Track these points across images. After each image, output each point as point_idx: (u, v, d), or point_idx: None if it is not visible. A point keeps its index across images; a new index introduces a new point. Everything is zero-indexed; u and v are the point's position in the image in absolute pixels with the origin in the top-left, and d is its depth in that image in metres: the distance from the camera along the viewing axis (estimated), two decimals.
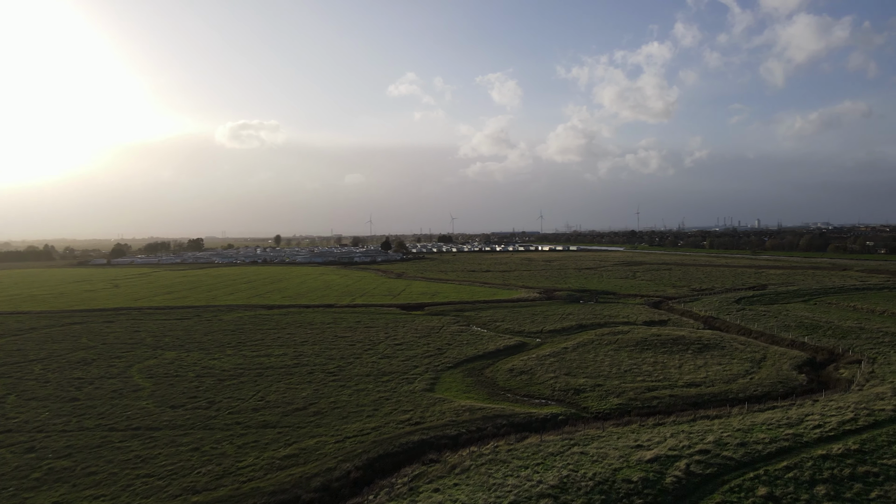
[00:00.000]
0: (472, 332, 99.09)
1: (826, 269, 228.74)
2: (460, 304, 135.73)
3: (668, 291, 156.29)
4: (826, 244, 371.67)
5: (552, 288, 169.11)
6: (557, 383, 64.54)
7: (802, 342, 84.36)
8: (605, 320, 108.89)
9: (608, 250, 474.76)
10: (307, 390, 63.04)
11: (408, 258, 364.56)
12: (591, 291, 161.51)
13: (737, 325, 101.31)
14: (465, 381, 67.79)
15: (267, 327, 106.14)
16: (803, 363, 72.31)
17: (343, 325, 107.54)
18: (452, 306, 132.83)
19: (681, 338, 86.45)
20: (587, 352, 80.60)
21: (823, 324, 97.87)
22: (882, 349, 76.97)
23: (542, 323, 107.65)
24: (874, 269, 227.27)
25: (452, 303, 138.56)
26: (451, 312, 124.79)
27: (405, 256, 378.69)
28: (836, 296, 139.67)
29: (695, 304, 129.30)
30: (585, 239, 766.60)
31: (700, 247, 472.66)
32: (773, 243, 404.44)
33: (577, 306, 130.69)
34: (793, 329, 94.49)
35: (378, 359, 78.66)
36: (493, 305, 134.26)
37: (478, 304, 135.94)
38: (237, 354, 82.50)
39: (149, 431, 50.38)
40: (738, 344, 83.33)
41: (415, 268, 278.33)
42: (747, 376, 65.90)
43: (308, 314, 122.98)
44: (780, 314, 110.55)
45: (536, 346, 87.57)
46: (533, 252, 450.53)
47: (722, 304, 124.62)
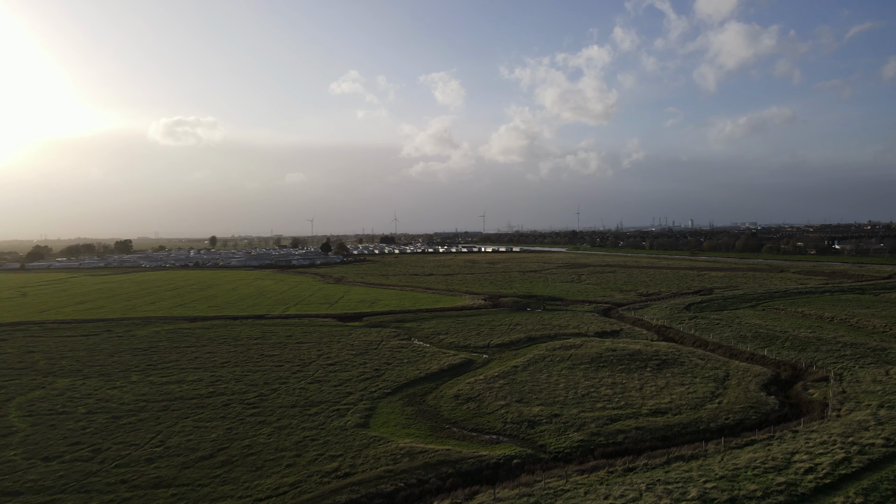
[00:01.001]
0: (413, 348, 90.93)
1: (764, 271, 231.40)
2: (401, 314, 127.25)
3: (616, 297, 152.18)
4: (760, 245, 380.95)
5: (497, 294, 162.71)
6: (509, 413, 57.13)
7: (762, 356, 79.93)
8: (555, 331, 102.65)
9: (551, 251, 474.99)
10: (219, 429, 53.45)
11: (348, 261, 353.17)
12: (537, 297, 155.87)
13: (691, 335, 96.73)
14: (405, 412, 59.57)
15: (185, 344, 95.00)
16: (769, 381, 67.39)
17: (272, 341, 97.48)
18: (393, 316, 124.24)
19: (637, 352, 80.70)
20: (539, 371, 73.69)
21: (779, 334, 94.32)
22: (846, 363, 73.05)
23: (488, 335, 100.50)
24: (809, 270, 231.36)
25: (393, 312, 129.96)
26: (391, 324, 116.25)
27: (346, 259, 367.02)
28: (782, 300, 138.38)
29: (645, 311, 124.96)
30: (528, 239, 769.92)
31: (640, 247, 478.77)
32: (710, 244, 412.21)
33: (524, 315, 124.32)
34: (749, 340, 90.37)
35: (307, 384, 69.49)
36: (437, 315, 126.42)
37: (420, 314, 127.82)
38: (143, 381, 71.67)
39: (2, 500, 40.04)
40: (698, 359, 78.16)
41: (355, 271, 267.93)
42: (714, 400, 60.20)
43: (235, 327, 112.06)
44: (733, 323, 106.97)
45: (484, 365, 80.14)
46: (476, 253, 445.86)
47: (673, 312, 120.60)
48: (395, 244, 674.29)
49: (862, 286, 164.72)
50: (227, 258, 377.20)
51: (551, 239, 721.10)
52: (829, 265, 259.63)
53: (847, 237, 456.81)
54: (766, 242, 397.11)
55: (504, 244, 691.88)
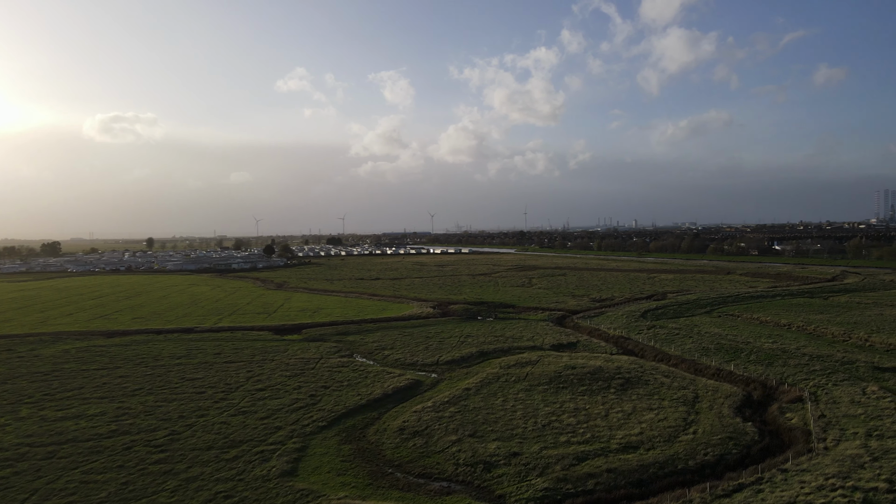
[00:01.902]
0: (355, 367, 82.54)
1: (711, 273, 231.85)
2: (344, 325, 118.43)
3: (570, 303, 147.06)
4: (704, 246, 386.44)
5: (447, 300, 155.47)
6: (462, 452, 49.67)
7: (729, 371, 75.04)
8: (508, 344, 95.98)
9: (500, 252, 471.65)
10: (111, 486, 44.07)
11: (292, 264, 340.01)
12: (488, 304, 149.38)
13: (652, 347, 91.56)
14: (342, 452, 51.34)
15: (95, 366, 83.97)
16: (741, 403, 62.17)
17: (196, 361, 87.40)
18: (335, 328, 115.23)
19: (598, 370, 74.61)
20: (494, 395, 66.58)
21: (742, 345, 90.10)
22: (818, 380, 68.61)
23: (437, 350, 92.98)
24: (755, 272, 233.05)
25: (335, 323, 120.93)
26: (332, 336, 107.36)
27: (289, 262, 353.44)
28: (736, 305, 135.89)
29: (601, 319, 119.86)
30: (476, 240, 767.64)
31: (588, 248, 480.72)
32: (656, 245, 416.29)
33: (475, 325, 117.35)
34: (713, 353, 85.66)
35: (230, 416, 60.41)
36: (382, 325, 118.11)
37: (364, 325, 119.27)
38: (34, 416, 61.09)
39: None
40: (663, 376, 72.60)
41: (298, 275, 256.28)
42: (689, 428, 54.24)
43: (157, 344, 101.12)
44: (693, 332, 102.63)
45: (433, 387, 72.52)
46: (425, 255, 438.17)
47: (630, 321, 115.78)
48: (342, 245, 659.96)
49: (810, 289, 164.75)
50: (164, 261, 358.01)
51: (500, 240, 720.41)
52: (773, 266, 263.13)
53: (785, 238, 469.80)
54: (709, 243, 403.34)
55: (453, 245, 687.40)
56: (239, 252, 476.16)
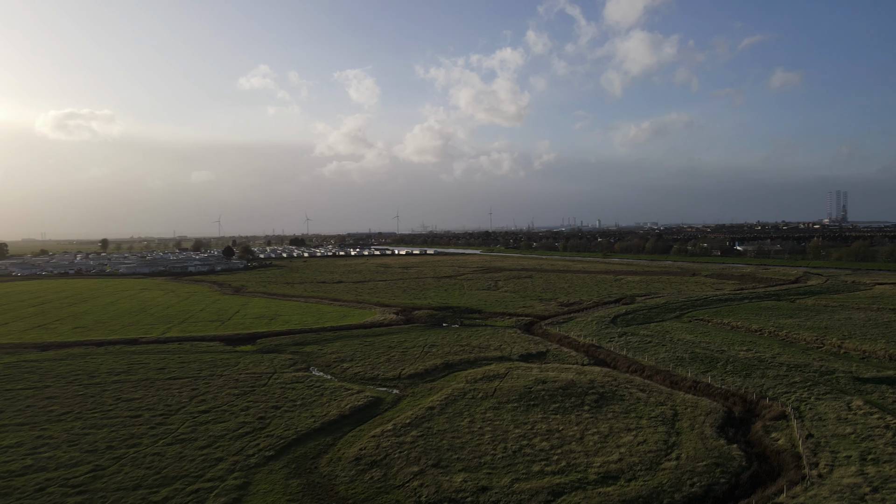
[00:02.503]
0: (311, 383, 76.52)
1: (677, 275, 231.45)
2: (302, 334, 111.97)
3: (537, 307, 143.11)
4: (668, 247, 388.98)
5: (411, 305, 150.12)
6: (424, 487, 44.44)
7: (706, 384, 71.41)
8: (475, 355, 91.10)
9: (465, 253, 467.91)
10: None
11: (252, 266, 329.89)
12: (453, 309, 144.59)
13: (624, 357, 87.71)
14: (289, 489, 45.58)
15: (21, 386, 76.20)
16: (723, 421, 58.37)
17: (137, 377, 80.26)
18: (292, 337, 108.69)
19: (570, 384, 70.18)
20: (460, 414, 61.52)
21: (717, 354, 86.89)
22: (799, 393, 65.37)
23: (400, 362, 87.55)
24: (719, 273, 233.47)
25: (292, 332, 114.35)
26: (289, 347, 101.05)
27: (249, 264, 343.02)
28: (705, 310, 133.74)
29: (570, 325, 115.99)
30: (441, 241, 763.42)
31: (554, 249, 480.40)
32: (621, 246, 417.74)
33: (440, 333, 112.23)
34: (688, 363, 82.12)
35: (166, 445, 54.01)
36: (342, 334, 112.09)
37: (324, 333, 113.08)
38: None
39: None
40: (638, 391, 68.57)
41: (258, 279, 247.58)
42: (671, 453, 50.00)
43: (96, 358, 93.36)
44: (665, 339, 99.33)
45: (394, 406, 67.09)
46: (389, 256, 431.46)
47: (600, 327, 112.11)
48: (305, 246, 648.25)
49: (776, 292, 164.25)
50: (117, 264, 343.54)
51: (465, 240, 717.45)
52: (736, 268, 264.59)
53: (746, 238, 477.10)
54: (673, 244, 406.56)
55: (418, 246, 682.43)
56: (198, 254, 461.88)
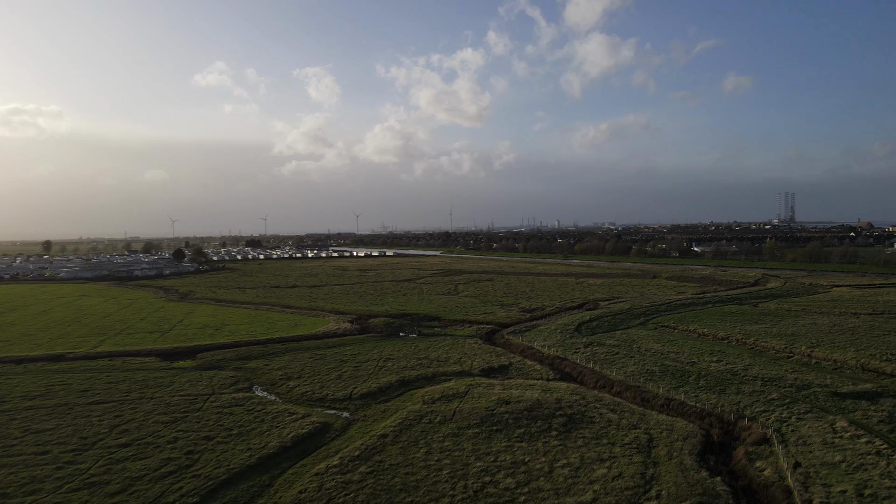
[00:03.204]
0: (252, 405, 69.24)
1: (638, 277, 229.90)
2: (248, 347, 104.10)
3: (499, 314, 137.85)
4: (628, 248, 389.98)
5: (367, 312, 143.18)
6: None
7: (680, 402, 66.79)
8: (433, 369, 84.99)
9: (425, 255, 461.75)
10: None
11: (203, 270, 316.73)
12: (411, 316, 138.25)
13: (591, 370, 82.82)
14: None
15: None
16: (702, 447, 53.56)
17: (55, 402, 71.58)
18: (236, 351, 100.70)
19: (536, 405, 64.68)
20: (415, 443, 55.29)
21: (687, 366, 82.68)
22: (779, 413, 61.20)
23: (352, 379, 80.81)
24: (679, 275, 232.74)
25: (238, 345, 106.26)
26: (232, 362, 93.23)
27: (200, 267, 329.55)
28: (670, 315, 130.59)
29: (533, 334, 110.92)
30: (401, 241, 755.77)
31: (514, 250, 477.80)
32: (581, 247, 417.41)
33: (397, 344, 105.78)
34: (658, 377, 77.58)
35: (70, 492, 46.29)
36: (292, 347, 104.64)
37: (272, 345, 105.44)
38: None
39: None
40: (609, 411, 63.49)
41: (208, 283, 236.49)
42: (650, 489, 44.77)
43: (12, 378, 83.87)
44: (633, 349, 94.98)
45: (342, 433, 60.41)
46: (347, 259, 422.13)
47: (564, 336, 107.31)
48: (261, 248, 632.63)
49: (738, 295, 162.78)
50: (58, 268, 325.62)
51: (425, 241, 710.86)
52: (695, 269, 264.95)
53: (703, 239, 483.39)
54: (632, 245, 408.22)
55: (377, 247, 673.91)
56: (147, 256, 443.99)
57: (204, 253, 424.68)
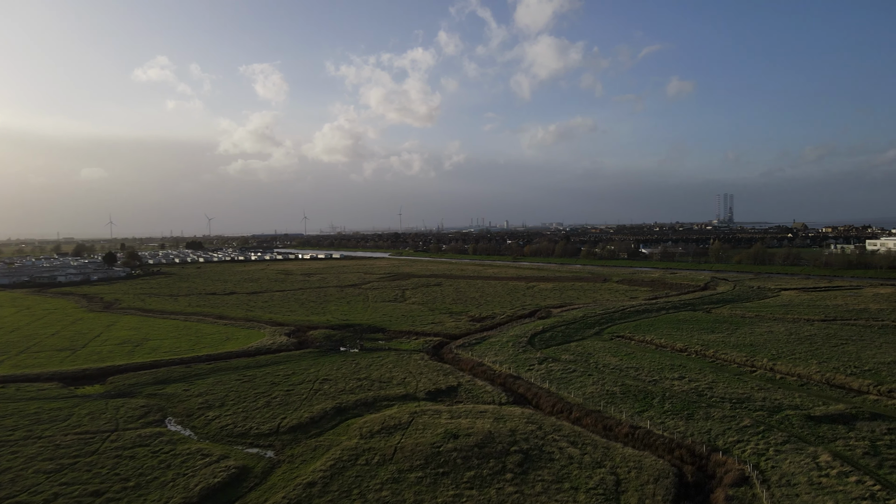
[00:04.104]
0: (159, 444, 59.43)
1: (589, 281, 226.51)
2: (168, 367, 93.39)
3: (447, 324, 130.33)
4: (577, 250, 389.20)
5: (307, 323, 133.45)
6: None
7: (646, 430, 60.40)
8: (374, 393, 76.69)
9: (373, 257, 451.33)
10: None
11: (136, 275, 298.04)
12: (354, 327, 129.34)
13: (547, 391, 75.99)
14: None
15: None
16: (676, 491, 47.08)
17: None
18: (154, 373, 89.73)
19: (488, 438, 57.24)
20: (348, 496, 46.91)
21: (649, 385, 76.70)
22: (754, 443, 55.38)
23: (282, 407, 71.66)
24: (630, 279, 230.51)
25: (157, 364, 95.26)
26: (147, 387, 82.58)
27: (133, 272, 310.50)
28: (625, 324, 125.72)
29: (484, 348, 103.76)
30: (350, 243, 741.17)
31: (463, 252, 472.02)
32: (530, 249, 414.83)
33: (336, 361, 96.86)
34: (619, 399, 71.26)
35: None
36: (220, 366, 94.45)
37: (196, 365, 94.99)
38: None
39: None
40: (569, 444, 56.53)
41: (138, 290, 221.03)
42: None
43: None
44: (590, 366, 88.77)
45: (262, 481, 51.42)
46: (292, 262, 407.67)
47: (516, 350, 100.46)
48: (202, 250, 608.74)
49: (690, 301, 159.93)
50: None
51: (373, 242, 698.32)
52: (644, 272, 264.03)
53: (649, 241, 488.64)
54: (581, 246, 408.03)
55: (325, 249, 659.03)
56: (77, 259, 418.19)
57: (138, 256, 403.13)
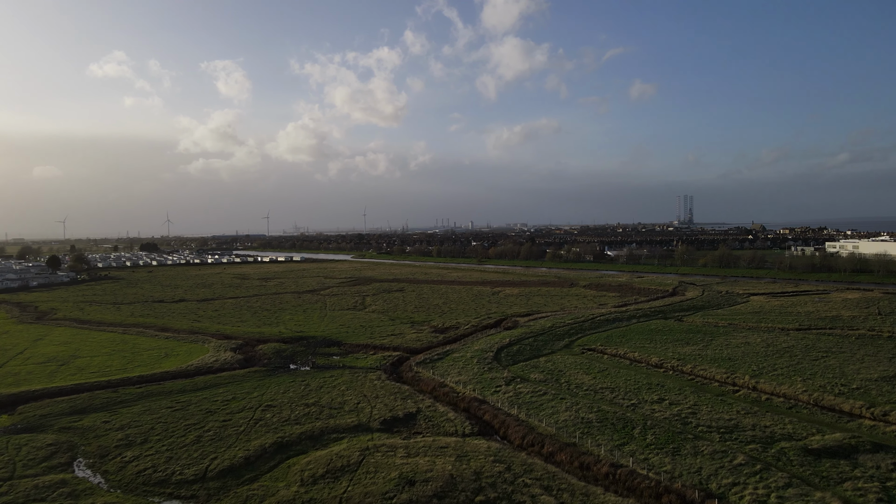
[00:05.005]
0: (56, 498, 49.80)
1: (556, 286, 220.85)
2: (92, 392, 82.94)
3: (408, 336, 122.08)
4: (543, 252, 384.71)
5: (257, 336, 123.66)
6: None
7: (629, 470, 52.93)
8: (322, 423, 67.99)
9: (335, 260, 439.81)
10: None
11: (81, 280, 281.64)
12: (308, 340, 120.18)
13: (516, 419, 68.30)
14: None
15: None
16: None
17: None
18: (72, 401, 78.88)
19: (449, 484, 49.25)
20: None
21: (627, 411, 69.59)
22: (753, 486, 48.36)
23: (214, 443, 62.41)
24: (597, 283, 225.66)
25: (80, 389, 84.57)
26: (61, 418, 72.21)
27: (78, 276, 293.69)
28: (595, 334, 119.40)
29: (447, 365, 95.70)
30: (312, 244, 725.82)
31: (427, 254, 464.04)
32: (495, 251, 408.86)
33: (283, 382, 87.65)
34: (596, 430, 63.86)
35: None
36: (151, 390, 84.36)
37: (124, 389, 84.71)
38: None
39: None
40: (543, 491, 48.79)
41: (80, 297, 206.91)
42: None
43: None
44: (562, 387, 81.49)
45: None
46: (250, 265, 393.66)
47: (482, 367, 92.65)
48: (157, 252, 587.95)
49: (660, 308, 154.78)
50: None
51: (336, 244, 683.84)
52: (611, 276, 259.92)
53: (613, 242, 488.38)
54: (546, 248, 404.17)
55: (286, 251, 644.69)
56: (20, 263, 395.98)
57: (86, 259, 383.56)
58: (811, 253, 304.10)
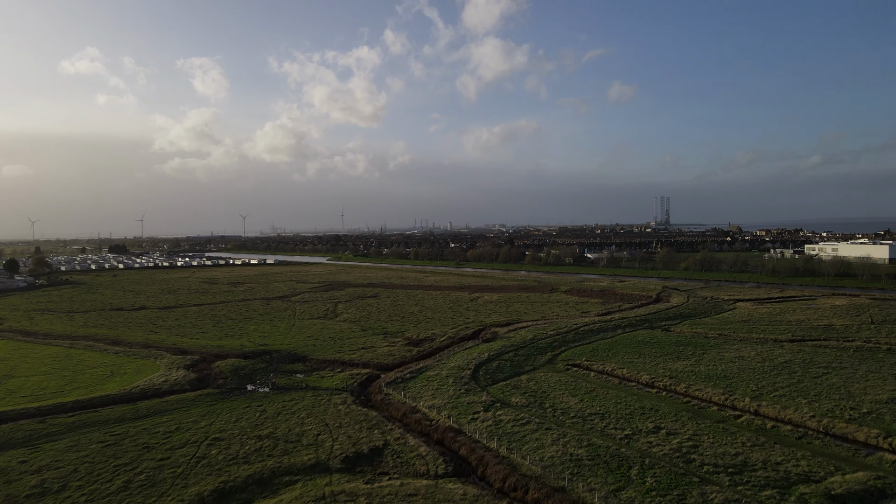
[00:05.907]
0: None
1: (536, 291, 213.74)
2: (16, 421, 73.00)
3: (380, 349, 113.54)
4: (522, 255, 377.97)
5: (216, 350, 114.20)
6: None
7: None
8: (274, 462, 59.15)
9: (310, 263, 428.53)
10: None
11: (39, 285, 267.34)
12: (271, 354, 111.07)
13: (495, 454, 60.12)
14: None
15: None
16: None
17: None
18: None
19: None
20: None
21: (623, 446, 61.70)
22: None
23: (142, 490, 53.08)
24: (577, 287, 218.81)
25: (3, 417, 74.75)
26: None
27: (36, 281, 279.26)
28: (580, 347, 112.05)
29: (420, 385, 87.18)
30: (288, 245, 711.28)
31: (405, 256, 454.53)
32: (474, 254, 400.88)
33: (237, 408, 78.42)
34: (587, 469, 55.79)
35: None
36: (85, 419, 74.59)
37: (54, 418, 74.86)
38: None
39: None
40: None
41: (32, 304, 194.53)
42: None
43: None
44: (546, 412, 73.52)
45: None
46: (222, 268, 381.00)
47: (458, 389, 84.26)
48: (126, 254, 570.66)
49: (646, 316, 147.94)
50: None
51: (312, 245, 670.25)
52: (592, 280, 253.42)
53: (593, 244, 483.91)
54: (525, 250, 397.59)
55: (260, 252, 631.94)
56: None
57: (48, 262, 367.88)
58: (791, 256, 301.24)
